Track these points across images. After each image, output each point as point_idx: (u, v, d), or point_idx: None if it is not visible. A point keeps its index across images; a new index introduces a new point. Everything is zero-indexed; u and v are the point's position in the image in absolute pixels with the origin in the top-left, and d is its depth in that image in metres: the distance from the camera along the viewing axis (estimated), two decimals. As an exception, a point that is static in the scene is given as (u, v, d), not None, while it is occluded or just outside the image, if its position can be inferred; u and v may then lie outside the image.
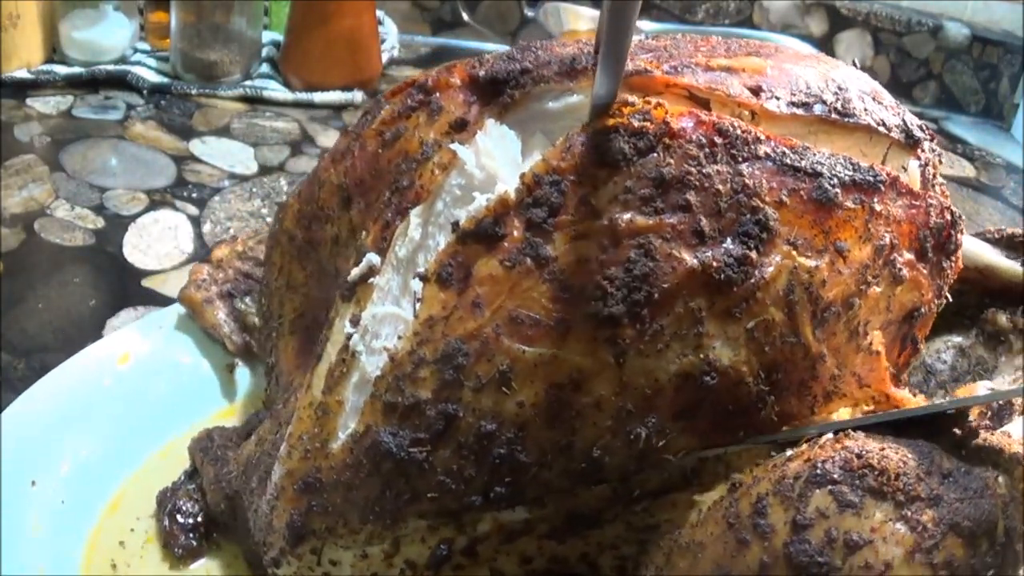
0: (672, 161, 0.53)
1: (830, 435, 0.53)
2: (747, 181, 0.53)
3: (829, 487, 0.49)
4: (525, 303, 0.51)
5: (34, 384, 0.73)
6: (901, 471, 0.49)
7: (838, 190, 0.55)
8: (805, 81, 0.60)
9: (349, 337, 0.56)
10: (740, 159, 0.54)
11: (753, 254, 0.52)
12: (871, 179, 0.56)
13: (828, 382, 0.55)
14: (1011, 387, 0.61)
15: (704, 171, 0.53)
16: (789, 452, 0.53)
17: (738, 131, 0.54)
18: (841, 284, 0.55)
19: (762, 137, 0.54)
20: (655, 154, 0.53)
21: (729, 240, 0.52)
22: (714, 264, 0.52)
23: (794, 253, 0.53)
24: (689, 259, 0.51)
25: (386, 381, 0.53)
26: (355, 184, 0.63)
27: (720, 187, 0.53)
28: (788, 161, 0.54)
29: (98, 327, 0.90)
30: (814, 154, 0.55)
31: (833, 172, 0.55)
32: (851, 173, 0.56)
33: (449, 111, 0.59)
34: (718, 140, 0.54)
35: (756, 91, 0.58)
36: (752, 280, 0.52)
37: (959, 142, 1.58)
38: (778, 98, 0.58)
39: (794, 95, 0.59)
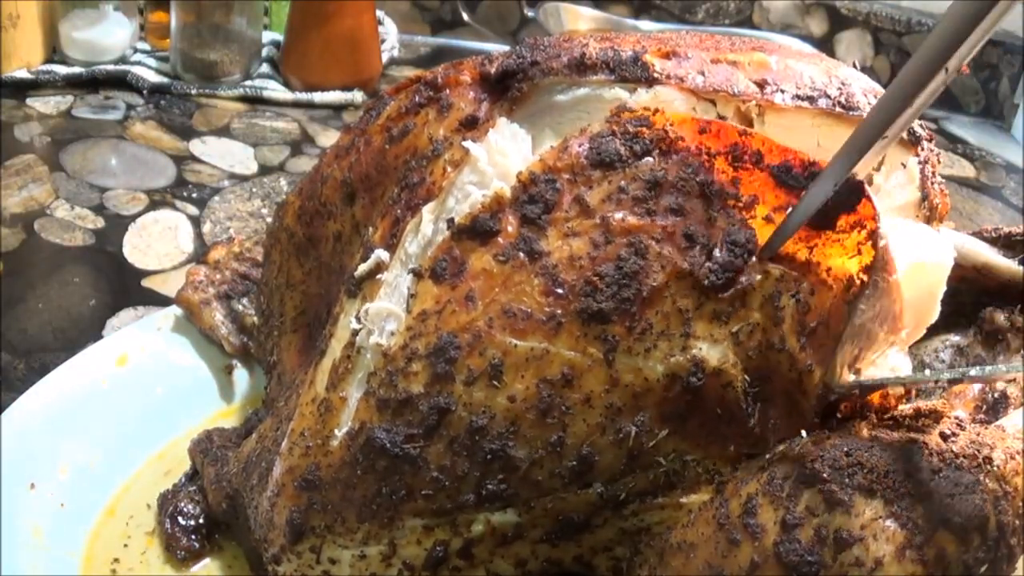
0: (667, 166, 0.53)
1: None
2: (741, 192, 0.54)
3: (818, 486, 0.49)
4: (517, 297, 0.52)
5: (32, 386, 0.73)
6: (890, 468, 0.49)
7: (832, 215, 0.54)
8: (810, 76, 0.61)
9: (355, 333, 0.56)
10: (737, 169, 0.54)
11: (740, 261, 0.52)
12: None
13: (817, 400, 0.55)
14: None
15: (699, 178, 0.53)
16: (769, 455, 0.54)
17: (739, 142, 0.55)
18: (829, 297, 0.55)
19: (762, 151, 0.55)
20: (651, 158, 0.54)
21: (718, 246, 0.53)
22: (702, 267, 0.52)
23: (785, 263, 0.53)
24: (679, 260, 0.52)
25: (379, 377, 0.54)
26: (360, 180, 0.63)
27: (713, 195, 0.53)
28: (786, 179, 0.54)
29: (98, 327, 0.90)
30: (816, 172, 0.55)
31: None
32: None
33: (459, 108, 0.59)
34: (715, 149, 0.54)
35: (761, 85, 0.59)
36: (739, 285, 0.53)
37: (959, 142, 1.57)
38: (783, 91, 0.59)
39: (799, 88, 0.59)
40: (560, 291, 0.52)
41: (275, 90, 1.38)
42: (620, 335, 0.52)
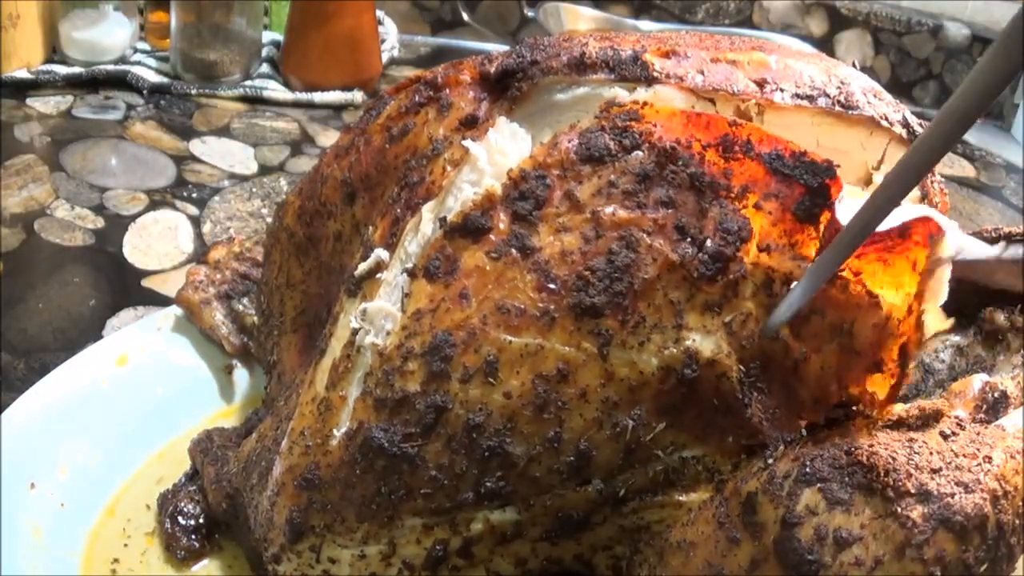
0: (656, 159, 0.53)
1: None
2: (732, 182, 0.53)
3: (818, 484, 0.49)
4: (511, 293, 0.52)
5: (33, 386, 0.73)
6: (890, 467, 0.49)
7: (818, 209, 0.54)
8: (809, 75, 0.61)
9: (355, 332, 0.56)
10: (728, 159, 0.54)
11: (731, 250, 0.52)
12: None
13: (815, 386, 0.55)
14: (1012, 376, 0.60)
15: (689, 171, 0.53)
16: (769, 453, 0.54)
17: (729, 133, 0.54)
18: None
19: (752, 141, 0.54)
20: (640, 152, 0.54)
21: (710, 237, 0.53)
22: (694, 259, 0.52)
23: (773, 254, 0.53)
24: (670, 252, 0.52)
25: (375, 376, 0.54)
26: (360, 179, 0.63)
27: (704, 187, 0.53)
28: (778, 166, 0.54)
29: (98, 327, 0.90)
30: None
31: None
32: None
33: (459, 107, 0.59)
34: (706, 140, 0.54)
35: (761, 84, 0.59)
36: (731, 275, 0.53)
37: (959, 142, 1.57)
38: (783, 90, 0.59)
39: (799, 87, 0.59)
40: (553, 286, 0.52)
41: (275, 90, 1.38)
42: (614, 329, 0.52)
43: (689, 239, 0.53)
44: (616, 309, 0.52)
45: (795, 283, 0.53)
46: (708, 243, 0.53)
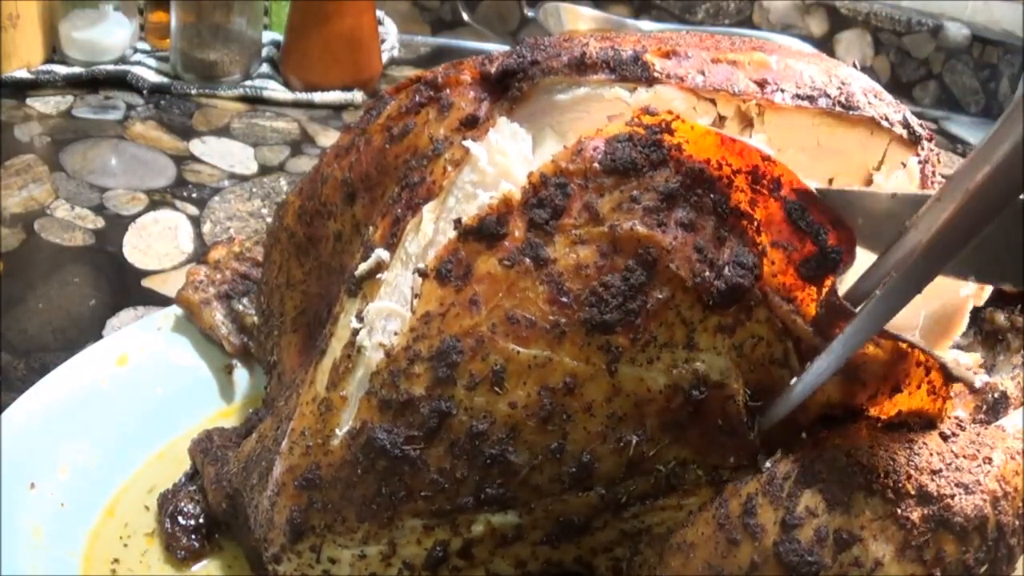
0: (682, 180, 0.52)
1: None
2: (756, 215, 0.52)
3: (818, 486, 0.49)
4: (522, 303, 0.52)
5: (33, 386, 0.73)
6: (890, 468, 0.49)
7: (824, 273, 0.53)
8: (810, 75, 0.60)
9: (355, 332, 0.56)
10: (754, 192, 0.53)
11: (746, 281, 0.52)
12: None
13: (817, 415, 0.55)
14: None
15: (713, 196, 0.52)
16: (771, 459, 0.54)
17: (760, 166, 0.53)
18: None
19: (782, 181, 0.53)
20: (667, 169, 0.52)
21: (727, 265, 0.52)
22: (710, 285, 0.51)
23: (772, 304, 0.52)
24: (685, 275, 0.51)
25: (381, 377, 0.53)
26: (360, 179, 0.63)
27: (726, 214, 0.52)
28: (797, 217, 0.53)
29: (98, 327, 0.90)
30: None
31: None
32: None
33: (460, 107, 0.59)
34: (736, 167, 0.53)
35: (762, 84, 0.58)
36: (744, 303, 0.52)
37: (959, 142, 1.57)
38: (783, 90, 0.59)
39: (799, 88, 0.59)
40: (565, 300, 0.51)
41: (275, 90, 1.38)
42: (623, 346, 0.51)
43: (707, 263, 0.51)
44: (628, 327, 0.51)
45: (794, 379, 0.53)
46: (726, 270, 0.52)
